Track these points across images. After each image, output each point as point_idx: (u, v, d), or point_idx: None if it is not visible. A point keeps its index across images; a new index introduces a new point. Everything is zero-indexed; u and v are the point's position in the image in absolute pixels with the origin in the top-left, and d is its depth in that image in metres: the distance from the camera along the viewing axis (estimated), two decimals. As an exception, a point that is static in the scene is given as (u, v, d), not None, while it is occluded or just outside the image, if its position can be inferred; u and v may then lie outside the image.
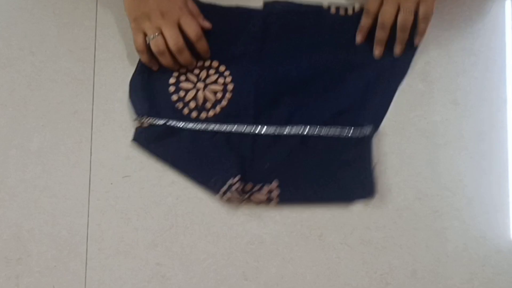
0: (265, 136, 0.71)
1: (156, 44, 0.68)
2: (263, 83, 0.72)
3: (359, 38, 0.73)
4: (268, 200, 0.69)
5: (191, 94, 0.72)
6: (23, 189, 0.70)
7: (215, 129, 0.71)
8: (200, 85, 0.73)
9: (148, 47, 0.69)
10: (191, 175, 0.71)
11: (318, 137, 0.71)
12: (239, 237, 0.69)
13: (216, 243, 0.69)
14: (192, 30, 0.69)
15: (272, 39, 0.73)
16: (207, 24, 0.72)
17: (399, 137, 0.71)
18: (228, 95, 0.72)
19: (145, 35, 0.69)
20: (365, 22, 0.72)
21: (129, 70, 0.73)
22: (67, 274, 0.68)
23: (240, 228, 0.69)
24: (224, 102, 0.72)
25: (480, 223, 0.70)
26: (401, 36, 0.71)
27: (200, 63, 0.73)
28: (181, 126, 0.71)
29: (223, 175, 0.69)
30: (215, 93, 0.72)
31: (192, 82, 0.73)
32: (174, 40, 0.68)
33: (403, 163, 0.71)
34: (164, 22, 0.68)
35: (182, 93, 0.72)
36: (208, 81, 0.73)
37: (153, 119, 0.71)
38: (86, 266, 0.69)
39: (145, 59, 0.70)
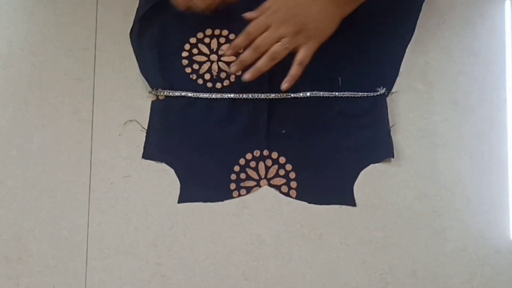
0: (280, 102, 0.72)
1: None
2: None
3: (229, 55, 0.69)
4: (287, 186, 0.70)
5: (205, 67, 0.73)
6: (23, 189, 0.70)
7: (231, 97, 0.72)
8: (214, 57, 0.73)
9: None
10: (208, 149, 0.71)
11: (333, 102, 0.72)
12: (239, 237, 0.69)
13: (216, 243, 0.69)
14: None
15: None
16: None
17: (399, 137, 0.71)
18: None
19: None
20: (239, 41, 0.66)
21: (129, 70, 0.73)
22: (67, 274, 0.69)
23: (240, 228, 0.69)
24: (239, 72, 0.72)
25: (479, 223, 0.70)
26: (269, 64, 0.66)
27: (209, 31, 0.73)
28: (197, 96, 0.72)
29: (240, 149, 0.70)
30: (229, 64, 0.72)
31: (205, 54, 0.73)
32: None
33: (403, 163, 0.71)
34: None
35: (196, 66, 0.73)
36: (220, 52, 0.73)
37: (168, 91, 0.72)
38: (86, 266, 0.69)
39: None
